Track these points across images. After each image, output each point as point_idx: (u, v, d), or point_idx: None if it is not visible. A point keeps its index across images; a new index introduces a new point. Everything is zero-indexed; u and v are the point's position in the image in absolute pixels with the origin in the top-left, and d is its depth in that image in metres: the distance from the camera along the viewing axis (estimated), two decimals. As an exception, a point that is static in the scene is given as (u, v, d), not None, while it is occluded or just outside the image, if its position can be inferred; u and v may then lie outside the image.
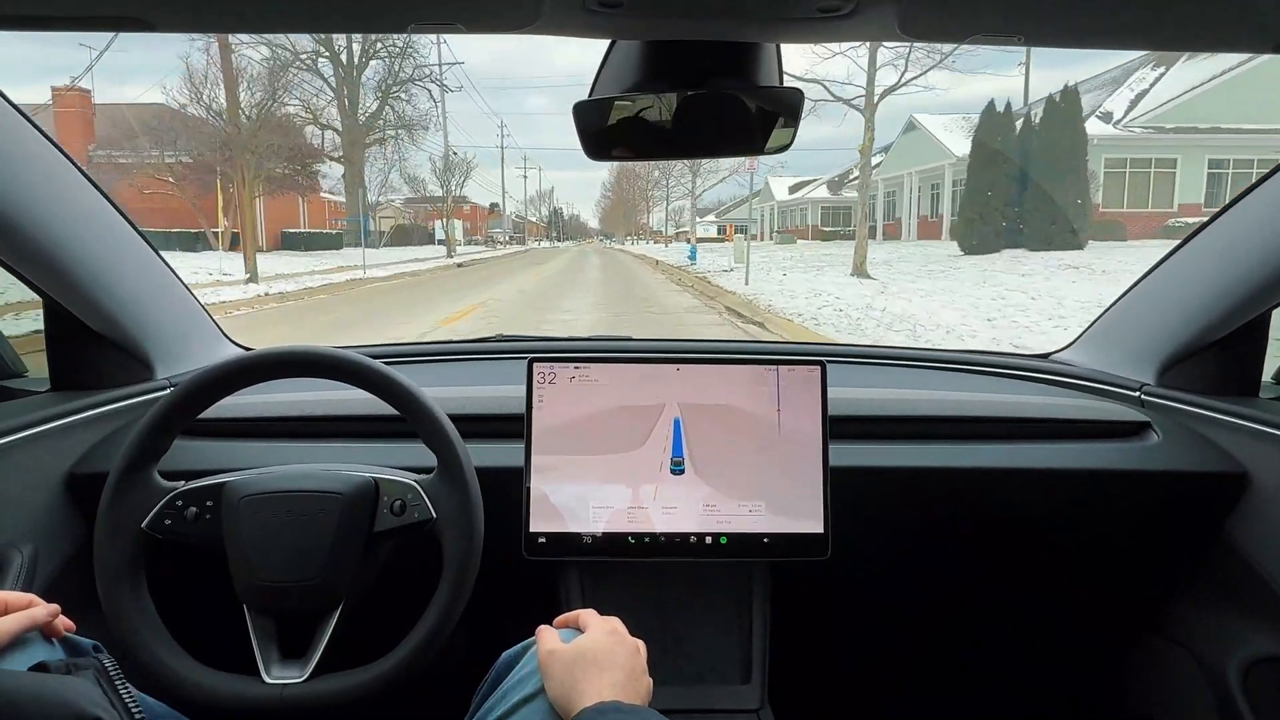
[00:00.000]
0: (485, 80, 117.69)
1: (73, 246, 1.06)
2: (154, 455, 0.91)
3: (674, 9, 0.69)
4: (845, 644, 1.54)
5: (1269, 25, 0.69)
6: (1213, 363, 1.22)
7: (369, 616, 0.97)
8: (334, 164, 31.27)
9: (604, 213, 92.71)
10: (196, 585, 1.08)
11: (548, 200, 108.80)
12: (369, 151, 32.22)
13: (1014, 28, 0.70)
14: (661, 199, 47.33)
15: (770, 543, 1.07)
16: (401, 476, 0.92)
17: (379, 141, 32.21)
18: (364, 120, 31.77)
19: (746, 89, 0.80)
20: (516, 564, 1.04)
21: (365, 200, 32.96)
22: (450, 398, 1.11)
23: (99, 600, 0.86)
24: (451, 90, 38.12)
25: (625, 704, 0.68)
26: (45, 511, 1.05)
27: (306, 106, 29.68)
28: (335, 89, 31.33)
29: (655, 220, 63.28)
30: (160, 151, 19.71)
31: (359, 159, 32.04)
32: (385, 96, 31.51)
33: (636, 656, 0.76)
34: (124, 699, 0.68)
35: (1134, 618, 1.35)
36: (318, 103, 30.23)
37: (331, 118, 31.46)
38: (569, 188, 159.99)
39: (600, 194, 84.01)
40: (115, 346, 1.20)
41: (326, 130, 31.30)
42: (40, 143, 1.02)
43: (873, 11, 0.66)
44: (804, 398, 1.09)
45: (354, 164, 31.63)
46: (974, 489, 1.21)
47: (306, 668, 0.85)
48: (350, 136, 31.21)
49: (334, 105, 31.19)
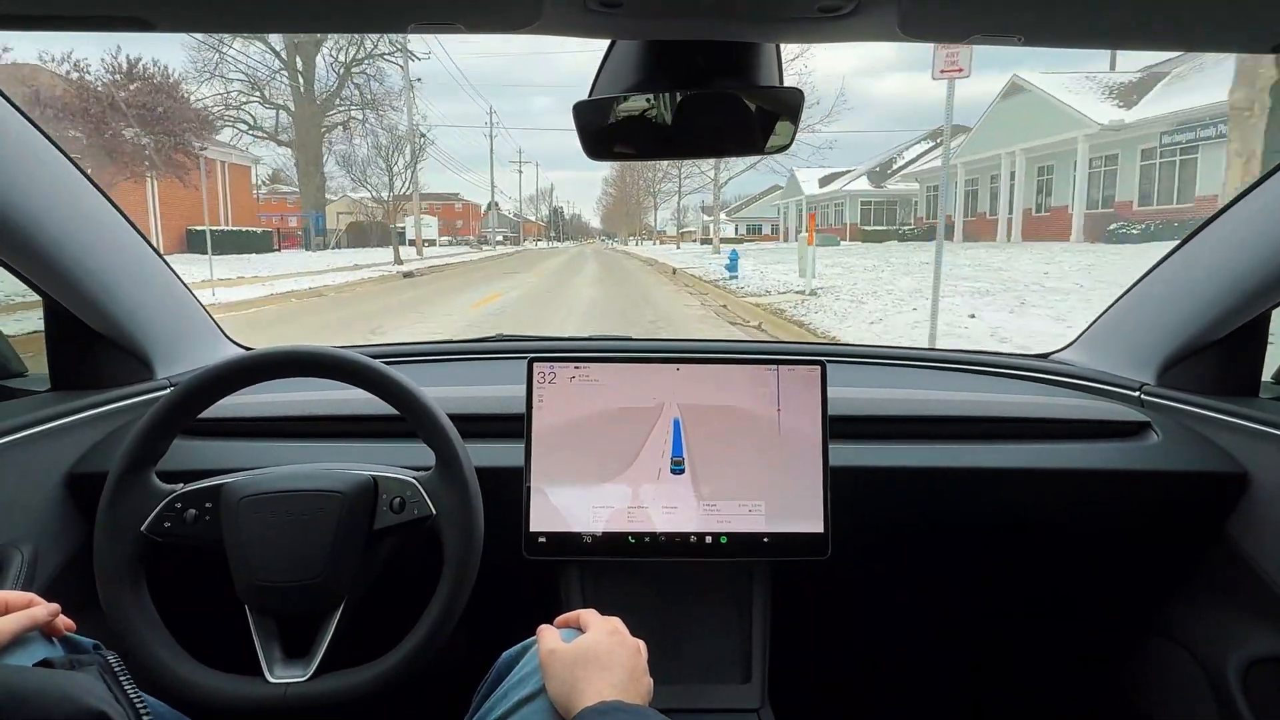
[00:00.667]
0: (484, 80, 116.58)
1: (73, 246, 1.07)
2: (153, 456, 0.91)
3: (674, 9, 0.69)
4: (845, 643, 1.54)
5: (1267, 26, 0.69)
6: (1213, 362, 1.22)
7: (370, 615, 0.97)
8: (277, 148, 26.25)
9: (605, 211, 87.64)
10: (197, 586, 1.08)
11: (547, 199, 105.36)
12: (330, 135, 27.42)
13: (1013, 28, 0.70)
14: (670, 194, 41.51)
15: (770, 542, 1.07)
16: (400, 474, 0.92)
17: (341, 125, 27.63)
18: (322, 100, 27.27)
19: (746, 89, 0.80)
20: (517, 564, 1.04)
21: (322, 191, 28.14)
22: (450, 397, 1.11)
23: (99, 600, 0.86)
24: (418, 59, 31.93)
25: (626, 703, 0.68)
26: (45, 511, 1.05)
27: (250, 79, 25.65)
28: (286, 61, 26.48)
29: (661, 219, 58.11)
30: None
31: (314, 143, 27.16)
32: (347, 72, 27.16)
33: (637, 656, 0.76)
34: (129, 694, 0.68)
35: (1133, 617, 1.35)
36: (259, 76, 25.79)
37: (281, 95, 26.78)
38: (570, 187, 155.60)
39: (601, 191, 75.40)
40: (115, 346, 1.20)
41: (277, 110, 26.91)
42: (41, 143, 1.02)
43: (873, 11, 0.66)
44: (804, 397, 1.09)
45: (307, 149, 26.94)
46: (974, 489, 1.21)
47: (309, 667, 0.85)
48: (303, 116, 26.58)
49: (285, 79, 26.61)
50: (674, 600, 1.15)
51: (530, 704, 0.74)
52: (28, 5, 0.65)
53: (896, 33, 0.70)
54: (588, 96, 0.82)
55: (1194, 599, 1.23)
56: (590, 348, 1.48)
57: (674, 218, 52.88)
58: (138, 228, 1.21)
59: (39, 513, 1.04)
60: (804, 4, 0.65)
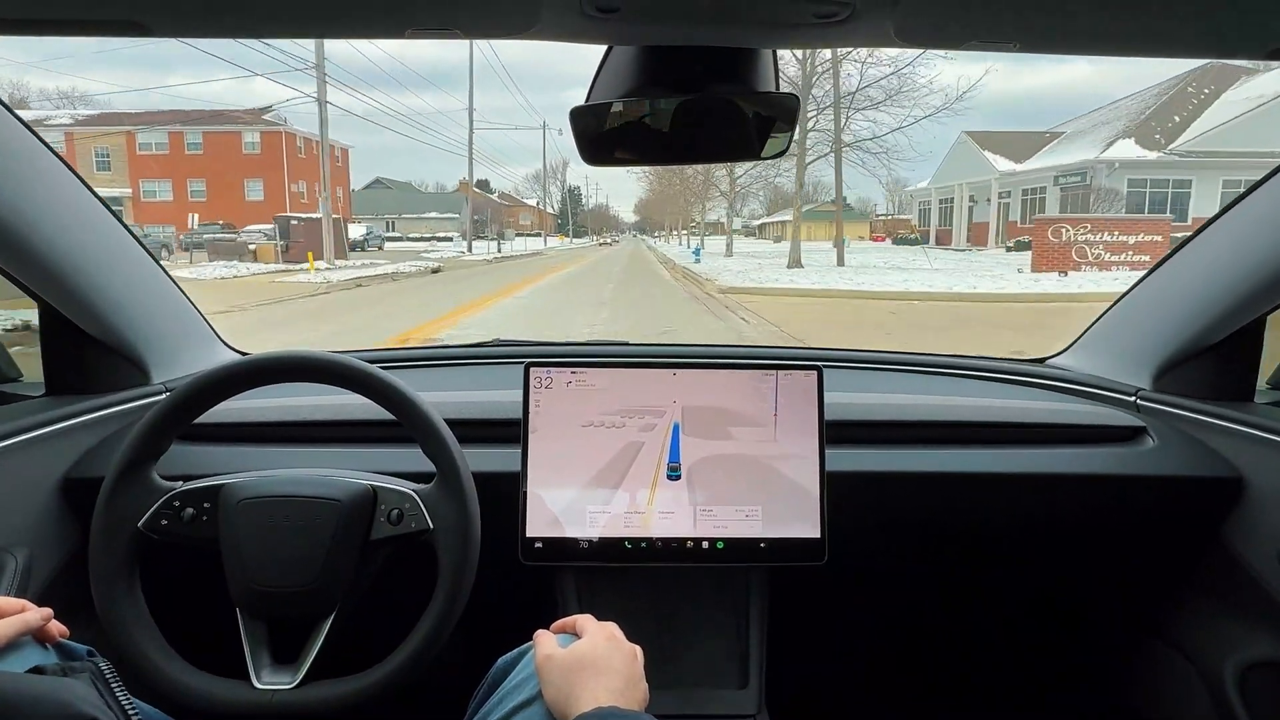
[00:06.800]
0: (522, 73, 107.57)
1: (68, 251, 1.06)
2: (152, 456, 0.91)
3: (670, 15, 0.70)
4: (842, 648, 1.54)
5: (1263, 31, 0.69)
6: (1208, 368, 1.22)
7: (363, 624, 0.97)
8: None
9: (648, 195, 55.65)
10: (191, 588, 1.07)
11: (558, 176, 71.80)
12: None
13: (1008, 35, 0.70)
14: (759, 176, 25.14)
15: (767, 548, 1.07)
16: (400, 485, 0.92)
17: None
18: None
19: (743, 94, 0.80)
20: (513, 569, 1.04)
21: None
22: (447, 402, 1.11)
23: (93, 605, 0.86)
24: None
25: (622, 709, 0.68)
26: (40, 516, 1.04)
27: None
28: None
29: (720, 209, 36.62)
30: None
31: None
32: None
33: (634, 662, 0.76)
34: (120, 701, 0.68)
35: (1130, 622, 1.35)
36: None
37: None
38: (598, 174, 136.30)
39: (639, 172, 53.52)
40: (111, 351, 1.19)
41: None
42: (36, 148, 1.02)
43: (868, 18, 0.66)
44: (801, 403, 1.09)
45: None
46: (970, 494, 1.21)
47: (297, 674, 0.85)
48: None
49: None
50: (671, 606, 1.15)
51: (526, 710, 0.74)
52: (23, 9, 0.65)
53: (892, 39, 0.70)
54: (585, 102, 0.82)
55: (1190, 603, 1.23)
56: (587, 353, 1.48)
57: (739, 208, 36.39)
58: (133, 232, 1.21)
59: (34, 518, 1.03)
60: (800, 10, 0.66)
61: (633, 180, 69.39)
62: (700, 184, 31.08)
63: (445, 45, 71.56)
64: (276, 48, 20.81)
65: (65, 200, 1.07)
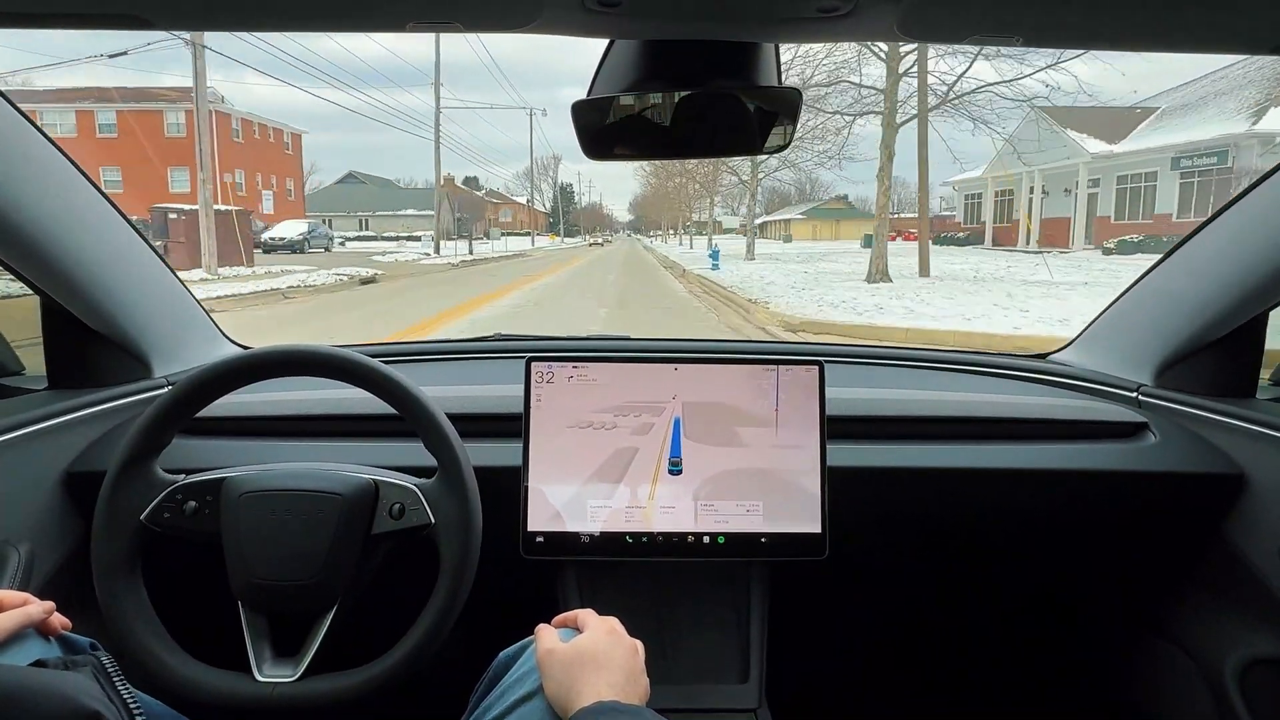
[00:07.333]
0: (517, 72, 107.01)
1: (71, 245, 1.06)
2: (154, 450, 0.91)
3: (672, 9, 0.69)
4: (843, 643, 1.54)
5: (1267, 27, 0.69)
6: (1210, 364, 1.22)
7: (364, 617, 0.97)
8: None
9: (645, 191, 58.10)
10: (192, 581, 1.07)
11: (550, 172, 73.06)
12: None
13: (1012, 28, 0.70)
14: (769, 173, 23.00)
15: (768, 543, 1.07)
16: (402, 480, 0.92)
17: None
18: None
19: (745, 88, 0.80)
20: (514, 563, 1.04)
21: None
22: (449, 397, 1.11)
23: (95, 599, 0.86)
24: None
25: (623, 704, 0.68)
26: (42, 509, 1.04)
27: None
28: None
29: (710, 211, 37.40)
30: None
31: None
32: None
33: (635, 656, 0.76)
34: (122, 695, 0.68)
35: (1131, 618, 1.35)
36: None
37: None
38: (592, 171, 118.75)
39: (634, 169, 47.28)
40: (113, 345, 1.19)
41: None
42: (39, 142, 1.02)
43: (871, 12, 0.66)
44: (802, 398, 1.09)
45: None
46: (971, 489, 1.21)
47: (298, 667, 0.85)
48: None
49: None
50: (672, 600, 1.15)
51: (527, 704, 0.74)
52: (24, 3, 0.65)
53: (895, 33, 0.70)
54: (586, 96, 0.82)
55: (1191, 599, 1.23)
56: (588, 347, 1.48)
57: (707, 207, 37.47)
58: (135, 226, 1.21)
59: (36, 511, 1.03)
60: (802, 4, 0.65)
61: (629, 177, 65.55)
62: (706, 175, 28.22)
63: (430, 40, 69.84)
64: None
65: (68, 194, 1.07)
